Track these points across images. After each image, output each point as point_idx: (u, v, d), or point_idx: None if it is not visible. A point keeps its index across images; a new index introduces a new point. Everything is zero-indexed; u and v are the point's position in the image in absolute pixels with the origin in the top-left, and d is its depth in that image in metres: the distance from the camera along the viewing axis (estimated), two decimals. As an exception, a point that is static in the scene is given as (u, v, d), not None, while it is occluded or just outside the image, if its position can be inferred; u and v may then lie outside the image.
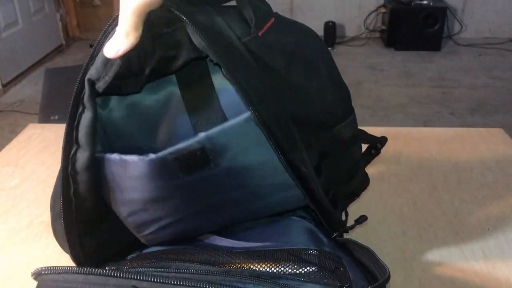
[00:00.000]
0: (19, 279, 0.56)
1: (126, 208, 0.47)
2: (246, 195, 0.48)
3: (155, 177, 0.44)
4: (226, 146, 0.44)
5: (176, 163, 0.43)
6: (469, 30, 3.66)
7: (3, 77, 2.83)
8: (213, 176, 0.45)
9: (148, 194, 0.45)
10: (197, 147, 0.43)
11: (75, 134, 0.45)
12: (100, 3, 3.73)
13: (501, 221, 0.64)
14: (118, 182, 0.45)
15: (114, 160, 0.44)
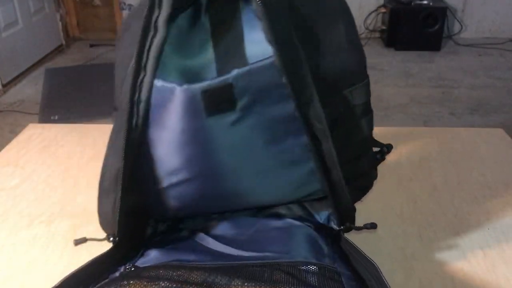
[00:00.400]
0: (19, 279, 0.56)
1: (155, 151, 0.49)
2: (260, 160, 0.49)
3: (184, 111, 0.46)
4: (252, 88, 0.45)
5: (205, 98, 0.45)
6: (469, 30, 3.66)
7: (3, 77, 2.83)
8: (232, 126, 0.47)
9: (173, 131, 0.47)
10: (227, 83, 0.45)
11: (145, 60, 0.46)
12: (100, 3, 3.73)
13: (501, 221, 0.64)
14: (156, 114, 0.47)
15: (156, 87, 0.46)
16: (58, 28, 3.56)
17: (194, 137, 0.48)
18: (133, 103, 0.47)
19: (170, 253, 0.51)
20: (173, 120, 0.47)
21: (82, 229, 0.64)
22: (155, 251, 0.52)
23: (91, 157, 0.82)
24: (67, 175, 0.77)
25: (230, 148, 0.48)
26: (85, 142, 0.86)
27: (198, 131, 0.47)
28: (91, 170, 0.78)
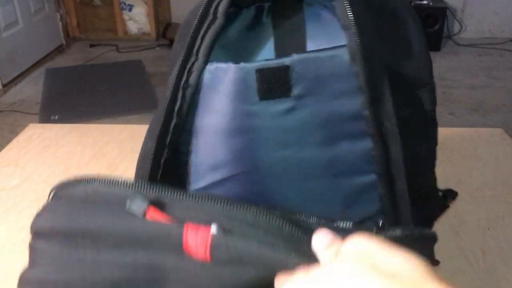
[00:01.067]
0: (19, 279, 0.56)
1: (197, 141, 0.47)
2: (309, 161, 0.46)
3: (236, 91, 0.44)
4: (309, 76, 0.44)
5: (259, 79, 0.43)
6: (469, 30, 3.66)
7: (3, 77, 2.83)
8: (284, 116, 0.45)
9: (221, 118, 0.45)
10: (284, 65, 0.43)
11: (198, 45, 0.45)
12: (100, 3, 3.73)
13: (501, 221, 0.64)
14: (206, 100, 0.46)
15: (209, 71, 0.45)
16: (58, 28, 3.56)
17: (242, 123, 0.45)
18: (178, 87, 0.45)
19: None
20: (223, 103, 0.45)
21: (82, 229, 0.64)
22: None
23: (91, 157, 0.82)
24: (67, 175, 0.76)
25: (279, 141, 0.45)
26: (85, 142, 0.86)
27: (248, 116, 0.45)
28: (91, 170, 0.78)
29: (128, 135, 0.89)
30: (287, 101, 0.44)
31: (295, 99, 0.44)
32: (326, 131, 0.46)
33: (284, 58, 0.44)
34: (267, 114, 0.45)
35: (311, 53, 0.44)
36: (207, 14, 0.45)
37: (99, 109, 2.59)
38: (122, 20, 3.69)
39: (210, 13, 0.45)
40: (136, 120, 2.46)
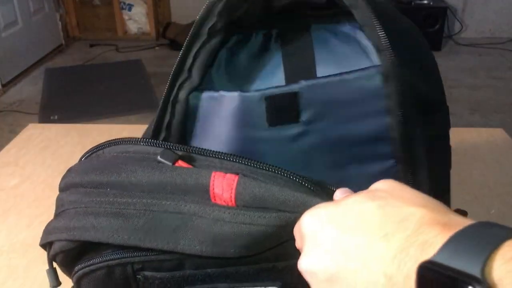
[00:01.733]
0: (19, 279, 0.56)
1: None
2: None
3: (243, 118, 0.44)
4: (319, 101, 0.44)
5: (267, 105, 0.44)
6: (469, 30, 3.65)
7: (3, 77, 2.83)
8: (295, 138, 0.45)
9: (229, 144, 0.45)
10: (292, 91, 0.44)
11: (191, 62, 0.45)
12: (100, 3, 3.73)
13: (501, 221, 0.64)
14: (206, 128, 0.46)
15: (212, 96, 0.45)
16: (58, 28, 3.56)
17: (248, 149, 0.45)
18: (168, 101, 0.46)
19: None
20: (226, 130, 0.45)
21: (82, 229, 0.64)
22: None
23: (91, 157, 0.82)
24: (67, 175, 0.77)
25: (286, 165, 0.45)
26: (85, 142, 0.86)
27: (254, 142, 0.45)
28: (91, 170, 0.78)
29: (128, 135, 0.88)
30: (296, 127, 0.45)
31: (304, 124, 0.45)
32: (334, 155, 0.46)
33: (293, 85, 0.44)
34: (276, 140, 0.45)
35: (320, 79, 0.45)
36: (199, 33, 0.45)
37: (99, 109, 2.59)
38: (121, 19, 3.69)
39: (203, 32, 0.44)
40: (135, 120, 2.45)
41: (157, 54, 3.46)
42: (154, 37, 3.68)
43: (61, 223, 0.40)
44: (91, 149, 0.44)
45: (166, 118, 0.47)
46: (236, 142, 0.46)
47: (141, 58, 3.32)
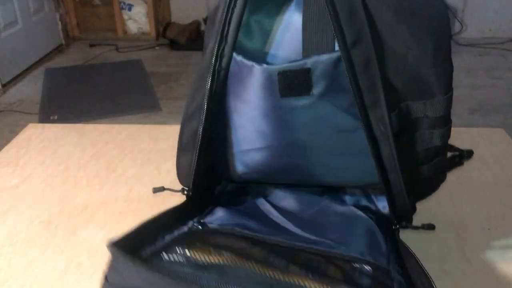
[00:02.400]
0: (19, 279, 0.56)
1: (228, 117, 0.52)
2: (329, 144, 0.51)
3: (259, 88, 0.48)
4: (330, 76, 0.46)
5: (281, 80, 0.47)
6: (470, 30, 3.66)
7: (3, 77, 2.83)
8: (307, 108, 0.48)
9: (247, 105, 0.50)
10: (305, 67, 0.46)
11: (227, 29, 0.48)
12: (100, 3, 3.73)
13: (501, 221, 0.64)
14: (232, 85, 0.50)
15: (235, 60, 0.49)
16: (58, 28, 3.55)
17: (268, 112, 0.49)
18: (215, 71, 0.49)
19: (235, 216, 0.55)
20: (250, 95, 0.49)
21: (82, 229, 0.64)
22: (222, 210, 0.56)
23: (90, 157, 0.82)
24: (67, 175, 0.77)
25: (302, 127, 0.50)
26: (85, 142, 0.86)
27: (272, 108, 0.49)
28: (91, 170, 0.78)
29: (128, 135, 0.89)
30: (307, 98, 0.48)
31: (316, 97, 0.47)
32: (343, 122, 0.49)
33: (306, 60, 0.46)
34: (289, 108, 0.49)
35: (333, 54, 0.46)
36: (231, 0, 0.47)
37: (99, 109, 2.59)
38: (121, 19, 3.69)
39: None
40: (135, 120, 2.45)
41: (157, 54, 3.46)
42: (154, 37, 3.68)
43: None
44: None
45: (214, 85, 0.50)
46: (257, 105, 0.49)
47: (141, 58, 3.32)
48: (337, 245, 0.50)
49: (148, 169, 0.78)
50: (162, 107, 2.57)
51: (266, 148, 0.53)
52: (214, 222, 0.53)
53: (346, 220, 0.56)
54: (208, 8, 3.71)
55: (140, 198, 0.71)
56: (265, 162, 0.54)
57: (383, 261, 0.49)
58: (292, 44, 0.51)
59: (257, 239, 0.49)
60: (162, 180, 0.75)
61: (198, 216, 0.55)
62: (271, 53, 0.51)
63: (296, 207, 0.59)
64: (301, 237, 0.52)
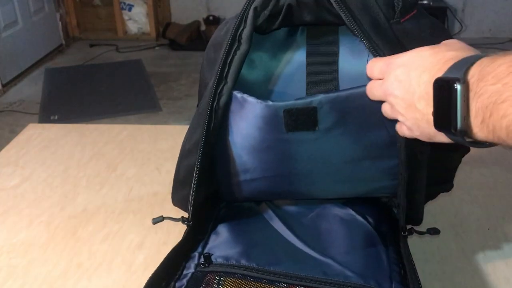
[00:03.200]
0: (19, 279, 0.56)
1: (226, 152, 0.52)
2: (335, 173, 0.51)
3: (263, 124, 0.48)
4: (337, 113, 0.47)
5: (287, 117, 0.47)
6: (469, 30, 3.65)
7: (3, 77, 2.83)
8: (310, 144, 0.49)
9: (250, 141, 0.50)
10: (311, 106, 0.46)
11: (227, 70, 0.48)
12: (100, 3, 3.73)
13: (501, 221, 0.64)
14: (232, 123, 0.50)
15: (237, 98, 0.49)
16: (58, 28, 3.55)
17: (272, 145, 0.50)
18: (212, 110, 0.49)
19: (238, 239, 0.54)
20: (252, 129, 0.49)
21: (82, 229, 0.64)
22: (225, 230, 0.56)
23: (91, 157, 0.82)
24: (67, 175, 0.77)
25: (307, 158, 0.50)
26: (85, 142, 0.86)
27: (276, 141, 0.49)
28: (91, 170, 0.78)
29: (128, 135, 0.89)
30: (314, 133, 0.48)
31: (321, 132, 0.48)
32: (349, 154, 0.50)
33: (312, 97, 0.46)
34: (294, 142, 0.49)
35: (340, 93, 0.46)
36: (235, 40, 0.48)
37: (99, 109, 2.58)
38: (122, 20, 3.69)
39: (236, 39, 0.48)
40: (135, 120, 2.45)
41: (157, 54, 3.46)
42: (154, 37, 3.67)
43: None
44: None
45: (212, 123, 0.50)
46: (259, 140, 0.49)
47: (141, 58, 3.32)
48: (339, 269, 0.49)
49: (148, 169, 0.78)
50: (162, 107, 2.57)
51: (270, 177, 0.53)
52: (218, 252, 0.52)
53: (345, 226, 0.56)
54: (208, 8, 3.71)
55: (140, 198, 0.71)
56: (267, 189, 0.55)
57: (386, 282, 0.49)
58: (296, 80, 0.51)
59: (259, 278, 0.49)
60: (162, 180, 0.75)
61: (202, 244, 0.54)
62: (274, 89, 0.52)
63: (295, 209, 0.59)
64: (305, 258, 0.51)
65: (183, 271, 0.50)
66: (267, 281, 0.48)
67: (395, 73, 0.41)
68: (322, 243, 0.53)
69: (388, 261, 0.51)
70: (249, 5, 0.47)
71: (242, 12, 0.48)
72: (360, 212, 0.58)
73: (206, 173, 0.53)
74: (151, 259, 0.58)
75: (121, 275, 0.56)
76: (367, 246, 0.53)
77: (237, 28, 0.48)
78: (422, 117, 0.39)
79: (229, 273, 0.49)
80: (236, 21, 0.48)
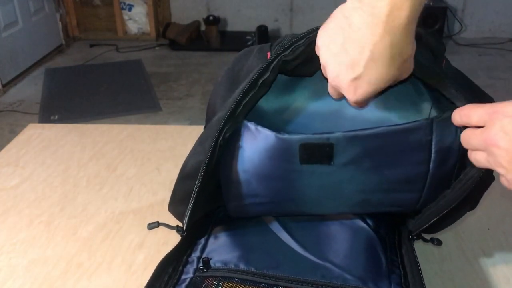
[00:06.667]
0: (19, 279, 0.56)
1: (236, 176, 0.51)
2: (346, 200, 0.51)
3: (277, 155, 0.47)
4: (354, 151, 0.46)
5: (302, 150, 0.46)
6: (469, 30, 3.65)
7: (3, 77, 2.83)
8: (323, 176, 0.48)
9: (262, 170, 0.49)
10: (328, 143, 0.46)
11: (239, 109, 0.48)
12: (100, 3, 3.73)
13: (501, 221, 0.64)
14: (243, 149, 0.49)
15: (250, 128, 0.48)
16: (58, 28, 3.55)
17: (283, 176, 0.49)
18: (217, 144, 0.48)
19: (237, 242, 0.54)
20: (264, 160, 0.48)
21: (82, 229, 0.64)
22: (225, 234, 0.55)
23: (91, 157, 0.82)
24: (67, 175, 0.77)
25: (317, 187, 0.50)
26: (85, 142, 0.86)
27: (288, 172, 0.49)
28: (91, 170, 0.78)
29: (128, 135, 0.89)
30: (329, 167, 0.47)
31: (336, 166, 0.47)
32: (363, 186, 0.49)
33: (329, 134, 0.46)
34: (307, 173, 0.48)
35: (359, 132, 0.46)
36: (254, 86, 0.47)
37: (99, 109, 2.58)
38: (121, 20, 3.69)
39: (256, 85, 0.47)
40: (135, 120, 2.45)
41: (157, 54, 3.46)
42: (154, 37, 3.68)
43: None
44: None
45: (215, 156, 0.49)
46: (269, 168, 0.49)
47: (141, 58, 3.32)
48: (338, 272, 0.49)
49: (148, 169, 0.78)
50: (162, 107, 2.57)
51: (278, 202, 0.52)
52: (217, 256, 0.52)
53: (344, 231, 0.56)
54: (208, 8, 3.71)
55: (140, 198, 0.71)
56: (274, 210, 0.54)
57: (385, 285, 0.49)
58: (310, 110, 0.51)
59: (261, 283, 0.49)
60: (162, 180, 0.75)
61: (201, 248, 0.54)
62: (288, 119, 0.51)
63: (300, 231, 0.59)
64: (304, 262, 0.51)
65: (181, 276, 0.50)
66: (265, 285, 0.48)
67: (501, 123, 0.39)
68: (321, 246, 0.53)
69: (387, 264, 0.51)
70: (278, 56, 0.47)
71: (270, 62, 0.47)
72: (359, 215, 0.57)
73: (205, 197, 0.53)
74: (151, 259, 0.58)
75: (121, 275, 0.56)
76: (366, 249, 0.53)
77: (259, 76, 0.47)
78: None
79: (227, 277, 0.49)
80: (260, 68, 0.47)
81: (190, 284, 0.49)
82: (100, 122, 2.41)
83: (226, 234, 0.55)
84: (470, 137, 0.43)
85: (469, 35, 3.66)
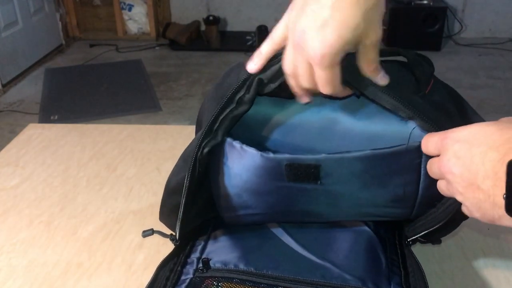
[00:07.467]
0: (19, 279, 0.56)
1: (225, 191, 0.51)
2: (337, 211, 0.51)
3: (264, 173, 0.48)
4: (340, 173, 0.46)
5: (288, 170, 0.47)
6: (469, 30, 3.65)
7: (3, 77, 2.83)
8: (313, 191, 0.48)
9: (251, 185, 0.49)
10: (314, 163, 0.46)
11: (217, 125, 0.48)
12: (100, 3, 3.73)
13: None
14: (229, 167, 0.50)
15: (235, 147, 0.48)
16: (58, 28, 3.55)
17: (272, 191, 0.49)
18: (196, 159, 0.49)
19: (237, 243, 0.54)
20: (251, 177, 0.49)
21: (82, 229, 0.64)
22: (224, 235, 0.55)
23: (91, 157, 0.82)
24: (67, 175, 0.77)
25: (310, 200, 0.50)
26: (85, 142, 0.86)
27: (277, 188, 0.49)
28: (91, 170, 0.78)
29: (128, 135, 0.89)
30: (315, 186, 0.48)
31: (323, 185, 0.48)
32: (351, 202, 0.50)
33: (315, 156, 0.46)
34: (296, 188, 0.49)
35: (345, 154, 0.46)
36: (231, 101, 0.47)
37: (99, 109, 2.59)
38: (121, 20, 3.69)
39: (233, 101, 0.47)
40: (135, 120, 2.46)
41: (157, 54, 3.46)
42: (154, 37, 3.68)
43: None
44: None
45: (196, 171, 0.49)
46: (258, 185, 0.49)
47: (141, 58, 3.32)
48: (338, 272, 0.49)
49: (148, 169, 0.78)
50: (162, 107, 2.57)
51: (271, 213, 0.52)
52: (217, 257, 0.52)
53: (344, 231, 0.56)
54: (208, 8, 3.71)
55: (140, 198, 0.71)
56: (268, 219, 0.55)
57: (385, 285, 0.49)
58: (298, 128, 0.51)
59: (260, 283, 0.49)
60: (162, 180, 0.75)
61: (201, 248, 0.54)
62: (275, 139, 0.51)
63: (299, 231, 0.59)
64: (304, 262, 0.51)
65: (181, 276, 0.50)
66: (265, 285, 0.48)
67: (453, 148, 0.39)
68: (321, 246, 0.53)
69: (387, 264, 0.51)
70: (252, 76, 0.47)
71: (245, 79, 0.47)
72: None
73: (198, 209, 0.53)
74: (151, 259, 0.58)
75: (121, 275, 0.56)
76: (366, 249, 0.53)
77: (234, 92, 0.47)
78: (487, 199, 0.36)
79: (227, 278, 0.49)
80: (236, 85, 0.47)
81: (190, 284, 0.49)
82: (100, 122, 2.41)
83: (226, 235, 0.55)
84: (431, 166, 0.43)
85: (469, 35, 3.66)
